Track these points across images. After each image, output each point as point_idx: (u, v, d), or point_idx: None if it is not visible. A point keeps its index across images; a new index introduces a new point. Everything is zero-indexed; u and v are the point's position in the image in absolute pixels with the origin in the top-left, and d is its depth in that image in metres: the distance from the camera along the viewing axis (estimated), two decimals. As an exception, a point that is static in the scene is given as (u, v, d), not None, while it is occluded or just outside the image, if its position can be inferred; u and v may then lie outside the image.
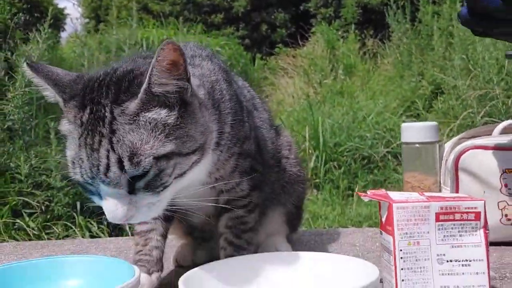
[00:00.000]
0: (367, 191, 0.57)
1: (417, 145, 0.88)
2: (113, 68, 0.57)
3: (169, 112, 0.53)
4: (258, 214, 0.73)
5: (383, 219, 0.55)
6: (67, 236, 2.09)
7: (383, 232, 0.55)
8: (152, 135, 0.51)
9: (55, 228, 2.09)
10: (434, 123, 0.90)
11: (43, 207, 2.15)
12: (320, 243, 0.91)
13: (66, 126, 0.55)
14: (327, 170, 2.96)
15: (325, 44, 5.41)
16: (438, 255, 0.52)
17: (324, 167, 2.95)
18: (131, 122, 0.51)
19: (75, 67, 3.10)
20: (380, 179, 2.74)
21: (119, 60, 0.68)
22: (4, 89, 2.21)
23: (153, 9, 7.16)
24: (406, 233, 0.52)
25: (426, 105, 3.69)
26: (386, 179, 2.71)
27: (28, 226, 2.05)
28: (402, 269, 0.52)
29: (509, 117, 2.22)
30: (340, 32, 6.00)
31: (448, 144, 0.92)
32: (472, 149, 0.82)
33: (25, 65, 0.57)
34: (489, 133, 0.89)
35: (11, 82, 2.23)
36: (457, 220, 0.52)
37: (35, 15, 4.22)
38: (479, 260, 0.52)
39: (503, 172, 0.78)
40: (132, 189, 0.52)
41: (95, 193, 0.54)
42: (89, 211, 2.04)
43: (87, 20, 7.63)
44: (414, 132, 0.89)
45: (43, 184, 2.21)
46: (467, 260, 0.52)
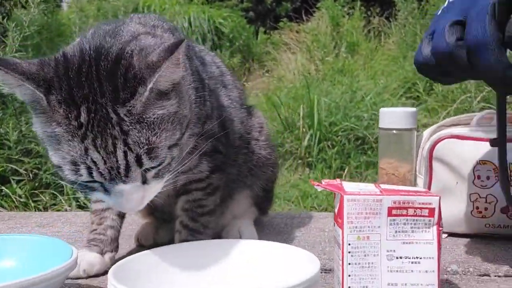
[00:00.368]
0: (322, 181, 0.55)
1: (394, 131, 0.86)
2: (90, 52, 0.52)
3: (173, 101, 0.53)
4: (220, 197, 0.71)
5: (336, 211, 0.53)
6: (54, 205, 2.10)
7: (335, 224, 0.53)
8: (162, 127, 0.51)
9: (42, 197, 2.09)
10: (413, 109, 0.87)
11: (31, 175, 2.14)
12: (289, 226, 0.90)
13: (50, 127, 0.50)
14: (321, 149, 2.94)
15: (329, 21, 5.31)
16: (388, 251, 0.50)
17: (318, 146, 2.93)
18: (141, 121, 0.50)
19: (69, 34, 3.05)
20: (373, 160, 2.72)
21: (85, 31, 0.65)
22: (-5, 54, 2.18)
23: (156, -23, 7.02)
24: (356, 226, 0.50)
25: (427, 87, 3.64)
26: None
27: (15, 193, 2.05)
28: (349, 263, 0.50)
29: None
30: (346, 9, 5.89)
31: (426, 132, 0.89)
32: (447, 138, 0.80)
33: None
34: (469, 122, 0.86)
35: (1, 47, 2.19)
36: (410, 216, 0.50)
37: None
38: (430, 258, 0.50)
39: (477, 164, 0.75)
40: (145, 180, 0.52)
41: (98, 190, 0.52)
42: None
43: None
44: (392, 117, 0.86)
45: (32, 152, 2.20)
46: (417, 258, 0.50)
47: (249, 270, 0.58)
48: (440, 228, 0.51)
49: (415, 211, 0.50)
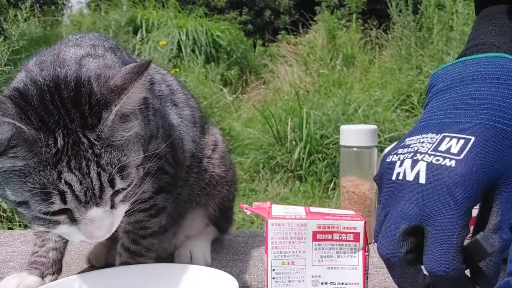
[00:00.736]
0: (253, 203, 0.54)
1: (354, 149, 0.85)
2: (46, 82, 0.51)
3: (135, 122, 0.54)
4: (169, 217, 0.70)
5: (264, 235, 0.52)
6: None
7: (264, 249, 0.52)
8: (130, 147, 0.52)
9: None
10: (373, 127, 0.87)
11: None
12: (249, 246, 0.89)
13: (15, 162, 0.48)
14: (312, 162, 2.92)
15: (325, 33, 5.34)
16: (313, 276, 0.49)
17: (308, 159, 2.92)
18: (111, 143, 0.50)
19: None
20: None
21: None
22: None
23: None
24: (281, 251, 0.49)
25: (421, 99, 3.64)
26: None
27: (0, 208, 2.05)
28: (273, 289, 0.49)
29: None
30: (343, 21, 5.92)
31: (386, 150, 0.88)
32: (402, 157, 0.79)
33: None
34: None
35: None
36: (335, 240, 0.49)
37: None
38: (355, 284, 0.49)
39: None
40: (113, 204, 0.52)
41: (63, 223, 0.51)
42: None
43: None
44: (352, 135, 0.86)
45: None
46: (343, 283, 0.49)
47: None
48: (366, 253, 0.50)
49: (340, 236, 0.49)
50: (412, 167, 0.44)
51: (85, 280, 0.58)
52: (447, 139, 0.44)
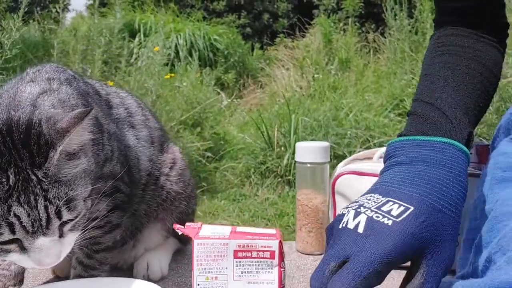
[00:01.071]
0: (186, 224, 0.59)
1: (308, 165, 0.90)
2: (5, 122, 0.57)
3: (83, 159, 0.59)
4: (120, 233, 0.75)
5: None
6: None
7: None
8: (77, 182, 0.58)
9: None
10: (326, 144, 0.92)
11: None
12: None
13: None
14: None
15: (322, 37, 5.38)
16: (234, 290, 0.55)
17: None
18: (58, 180, 0.56)
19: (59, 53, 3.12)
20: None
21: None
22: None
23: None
24: (205, 268, 0.55)
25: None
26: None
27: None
28: (198, 302, 0.54)
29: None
30: (341, 25, 5.95)
31: (340, 165, 0.93)
32: (347, 174, 0.84)
33: None
34: (372, 157, 0.90)
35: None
36: (254, 258, 0.55)
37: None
38: (272, 297, 0.54)
39: (371, 199, 0.80)
40: (61, 233, 0.57)
41: (14, 251, 0.56)
42: None
43: (90, 2, 7.65)
44: (306, 152, 0.91)
45: None
46: (261, 297, 0.55)
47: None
48: (282, 269, 0.55)
49: (258, 254, 0.55)
50: (355, 217, 0.51)
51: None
52: (390, 203, 0.51)
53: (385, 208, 0.50)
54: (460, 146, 0.57)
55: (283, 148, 3.03)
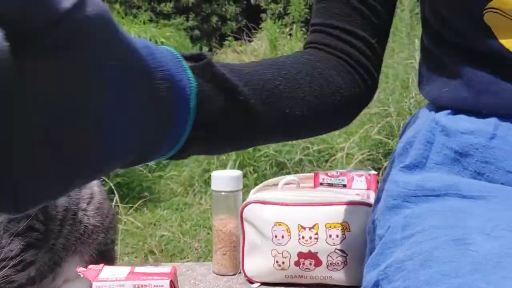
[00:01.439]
0: (88, 266, 0.64)
1: (223, 193, 0.97)
2: None
3: None
4: (35, 269, 0.79)
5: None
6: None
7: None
8: None
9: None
10: (239, 173, 0.99)
11: None
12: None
13: None
14: (244, 175, 3.05)
15: (268, 42, 5.48)
16: (131, 330, 0.60)
17: (242, 171, 3.04)
18: None
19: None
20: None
21: None
22: None
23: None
24: (103, 311, 0.60)
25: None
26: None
27: None
28: None
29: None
30: (287, 30, 6.07)
31: (252, 192, 1.01)
32: (253, 203, 0.92)
33: None
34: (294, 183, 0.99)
35: None
36: (149, 299, 0.61)
37: None
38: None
39: (274, 225, 0.88)
40: None
41: None
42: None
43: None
44: (220, 181, 0.98)
45: None
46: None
47: None
48: (176, 309, 0.61)
49: (152, 294, 0.61)
50: None
51: None
52: None
53: None
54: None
55: (226, 155, 3.10)
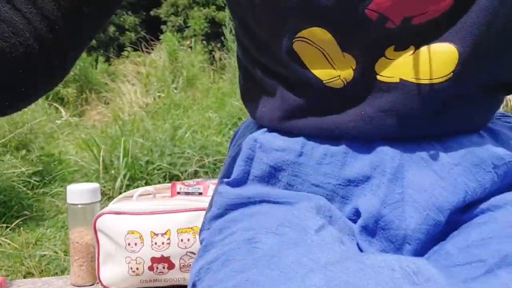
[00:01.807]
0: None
1: (79, 206, 0.92)
2: None
3: None
4: None
5: None
6: None
7: None
8: None
9: None
10: (96, 186, 0.95)
11: None
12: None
13: None
14: (136, 188, 2.95)
15: (167, 54, 5.42)
16: None
17: (133, 185, 2.95)
18: None
19: None
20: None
21: None
22: None
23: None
24: None
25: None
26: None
27: None
28: None
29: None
30: (188, 42, 6.06)
31: (110, 204, 0.97)
32: (106, 213, 0.88)
33: None
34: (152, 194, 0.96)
35: None
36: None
37: None
38: None
39: (127, 233, 0.86)
40: None
41: None
42: None
43: None
44: (76, 194, 0.93)
45: None
46: None
47: None
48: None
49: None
50: None
51: None
52: None
53: None
54: None
55: (116, 170, 2.98)
